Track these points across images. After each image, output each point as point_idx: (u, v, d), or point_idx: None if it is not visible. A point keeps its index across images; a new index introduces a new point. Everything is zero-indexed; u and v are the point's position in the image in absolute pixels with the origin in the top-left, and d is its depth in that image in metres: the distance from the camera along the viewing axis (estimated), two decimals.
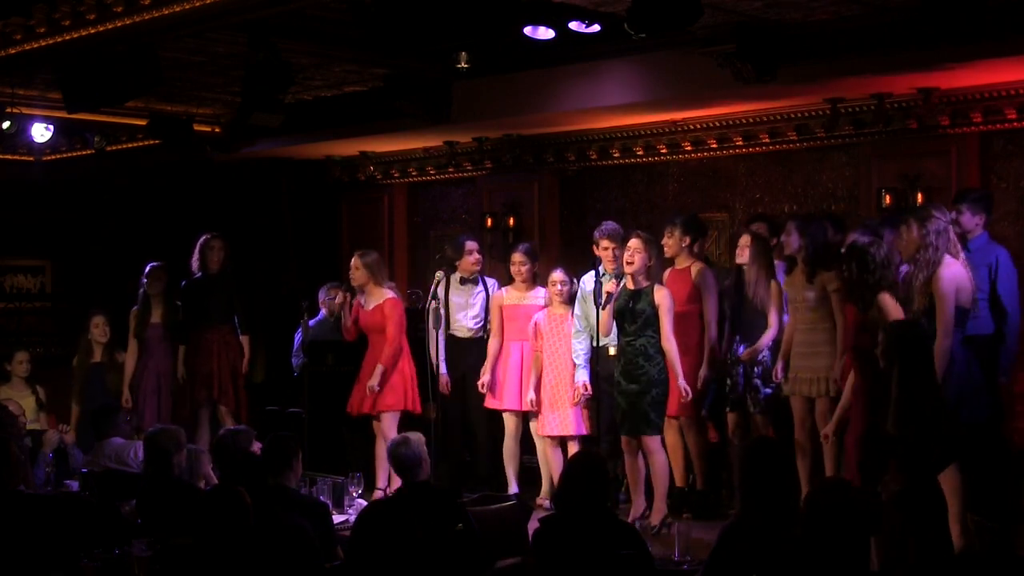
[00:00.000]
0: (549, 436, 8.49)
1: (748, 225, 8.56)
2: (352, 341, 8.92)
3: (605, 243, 8.23)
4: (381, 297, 8.66)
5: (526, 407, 8.58)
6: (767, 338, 7.81)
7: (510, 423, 8.75)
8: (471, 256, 9.08)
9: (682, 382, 7.64)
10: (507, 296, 8.85)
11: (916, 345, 6.04)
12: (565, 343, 8.42)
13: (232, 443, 6.65)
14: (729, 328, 8.10)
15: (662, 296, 7.68)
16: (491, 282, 9.24)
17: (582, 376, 8.30)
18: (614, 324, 7.87)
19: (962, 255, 6.83)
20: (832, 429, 7.00)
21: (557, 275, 8.54)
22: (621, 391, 7.76)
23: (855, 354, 6.73)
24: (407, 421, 8.55)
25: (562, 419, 8.42)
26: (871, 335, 6.53)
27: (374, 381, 8.50)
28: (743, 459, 5.10)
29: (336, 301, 8.94)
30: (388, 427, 8.45)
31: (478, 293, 9.13)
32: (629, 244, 7.83)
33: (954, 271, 6.71)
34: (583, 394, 8.31)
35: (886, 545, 5.45)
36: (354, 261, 8.78)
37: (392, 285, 8.90)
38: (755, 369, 7.88)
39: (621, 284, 7.91)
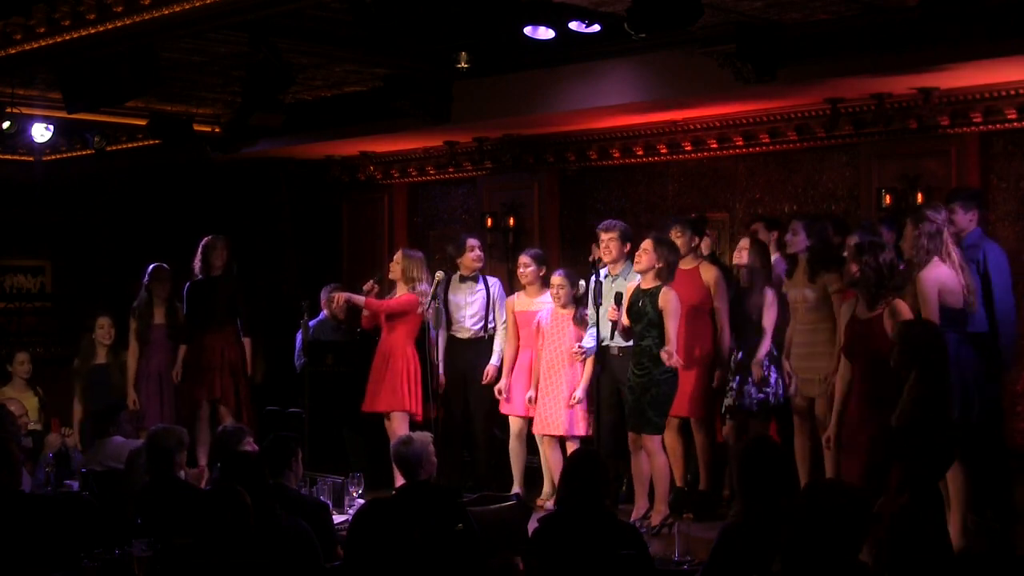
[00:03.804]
0: (546, 435, 8.49)
1: (748, 227, 8.57)
2: (367, 329, 9.05)
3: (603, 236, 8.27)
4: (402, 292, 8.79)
5: (530, 411, 8.57)
6: (763, 349, 7.78)
7: (515, 424, 8.74)
8: (472, 252, 9.10)
9: (670, 349, 7.54)
10: (518, 302, 8.85)
11: (935, 345, 6.05)
12: (564, 342, 8.40)
13: (227, 442, 6.66)
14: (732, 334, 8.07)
15: (667, 299, 7.64)
16: (492, 281, 9.24)
17: (588, 343, 8.22)
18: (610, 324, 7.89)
19: (957, 257, 6.78)
20: (833, 431, 6.89)
21: (556, 278, 8.52)
22: (629, 387, 7.79)
23: (857, 356, 6.68)
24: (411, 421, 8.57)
25: (555, 418, 8.39)
26: (874, 337, 6.51)
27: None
28: (742, 459, 5.10)
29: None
30: (399, 428, 8.44)
31: (478, 291, 9.13)
32: (642, 244, 7.83)
33: (937, 272, 6.67)
34: (579, 352, 8.27)
35: (885, 546, 5.45)
36: (396, 256, 8.94)
37: (424, 290, 8.81)
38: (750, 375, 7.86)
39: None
